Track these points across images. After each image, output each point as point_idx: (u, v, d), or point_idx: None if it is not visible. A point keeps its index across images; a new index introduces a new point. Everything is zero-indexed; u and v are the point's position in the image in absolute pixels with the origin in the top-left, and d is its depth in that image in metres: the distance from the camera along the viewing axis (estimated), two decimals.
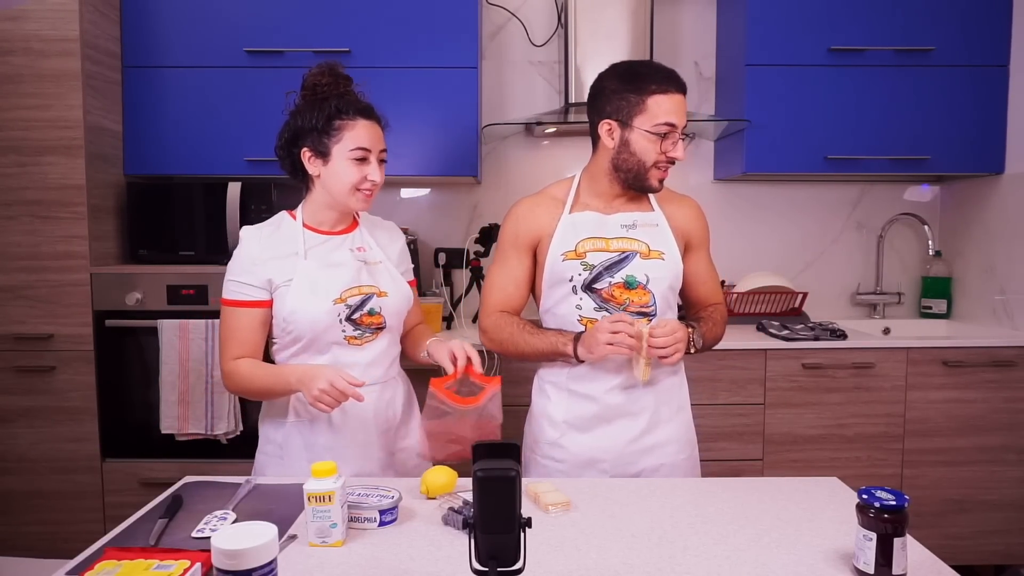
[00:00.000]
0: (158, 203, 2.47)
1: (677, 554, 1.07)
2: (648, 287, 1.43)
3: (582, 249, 1.44)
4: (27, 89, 2.22)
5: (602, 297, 1.43)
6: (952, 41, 2.49)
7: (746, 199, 2.92)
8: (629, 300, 1.43)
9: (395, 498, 1.19)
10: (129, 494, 2.30)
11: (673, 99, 1.39)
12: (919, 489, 2.35)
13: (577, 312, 1.45)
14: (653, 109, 1.38)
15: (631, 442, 1.46)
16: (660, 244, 1.45)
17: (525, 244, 1.51)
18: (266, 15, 2.45)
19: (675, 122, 1.39)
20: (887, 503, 0.96)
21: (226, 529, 0.85)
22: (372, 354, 1.46)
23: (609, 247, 1.44)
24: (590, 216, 1.47)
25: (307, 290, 1.38)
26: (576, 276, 1.44)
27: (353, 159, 1.39)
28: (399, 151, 2.49)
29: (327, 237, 1.47)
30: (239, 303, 1.41)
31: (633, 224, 1.46)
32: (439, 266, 2.70)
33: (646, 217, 1.48)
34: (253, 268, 1.40)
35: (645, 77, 1.40)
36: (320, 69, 1.42)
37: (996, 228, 2.61)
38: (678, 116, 1.39)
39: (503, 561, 0.88)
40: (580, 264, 1.44)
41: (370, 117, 1.42)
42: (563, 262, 1.45)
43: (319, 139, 1.40)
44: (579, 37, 2.55)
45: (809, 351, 2.34)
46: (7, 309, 2.27)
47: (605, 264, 1.43)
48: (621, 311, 1.42)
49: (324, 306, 1.39)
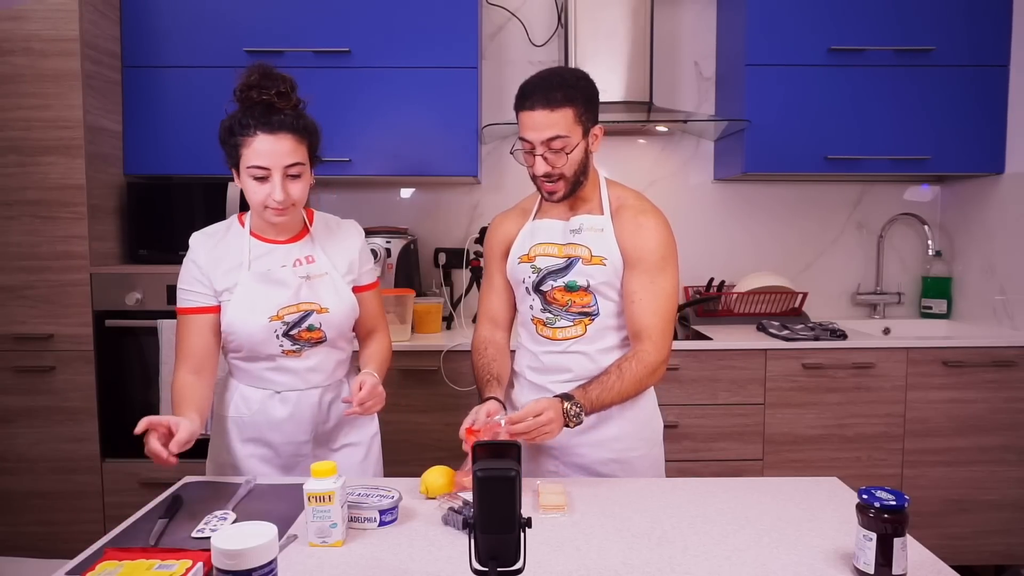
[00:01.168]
0: (158, 203, 2.47)
1: (677, 554, 1.07)
2: (590, 289, 1.47)
3: (534, 253, 1.51)
4: (27, 89, 2.22)
5: (547, 299, 1.50)
6: (952, 41, 2.49)
7: (746, 199, 2.92)
8: (571, 301, 1.48)
9: (395, 498, 1.19)
10: (129, 494, 2.30)
11: (528, 116, 1.40)
12: (919, 489, 2.35)
13: (530, 312, 1.54)
14: (520, 125, 1.43)
15: (576, 434, 1.46)
16: (602, 250, 1.46)
17: (499, 254, 1.60)
18: (266, 15, 2.45)
19: (529, 138, 1.41)
20: (887, 503, 0.96)
21: (226, 529, 0.85)
22: (312, 362, 1.46)
23: (560, 252, 1.49)
24: (549, 223, 1.53)
25: (245, 306, 1.39)
26: (527, 278, 1.52)
27: (252, 177, 1.34)
28: (399, 151, 2.51)
29: (273, 247, 1.44)
30: (186, 310, 1.42)
31: (579, 228, 1.49)
32: (439, 266, 2.70)
33: (593, 221, 1.48)
34: (199, 275, 1.41)
35: (518, 96, 1.43)
36: (249, 70, 1.35)
37: (996, 228, 2.61)
38: (533, 131, 1.40)
39: (503, 561, 0.88)
40: (530, 267, 1.51)
41: (278, 130, 1.31)
42: (518, 265, 1.53)
43: (228, 153, 1.38)
44: (579, 37, 2.55)
45: (809, 351, 2.34)
46: (7, 309, 2.27)
47: (550, 268, 1.49)
48: (564, 312, 1.49)
49: (260, 322, 1.39)
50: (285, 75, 1.37)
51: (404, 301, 2.34)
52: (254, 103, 1.33)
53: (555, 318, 1.50)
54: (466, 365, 2.31)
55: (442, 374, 2.31)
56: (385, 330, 1.61)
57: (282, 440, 1.48)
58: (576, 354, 1.49)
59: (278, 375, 1.45)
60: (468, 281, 2.66)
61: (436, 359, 2.31)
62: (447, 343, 2.31)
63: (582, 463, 1.51)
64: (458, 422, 2.33)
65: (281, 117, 1.33)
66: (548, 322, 1.50)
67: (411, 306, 2.38)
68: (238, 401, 1.48)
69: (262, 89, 1.32)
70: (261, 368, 1.45)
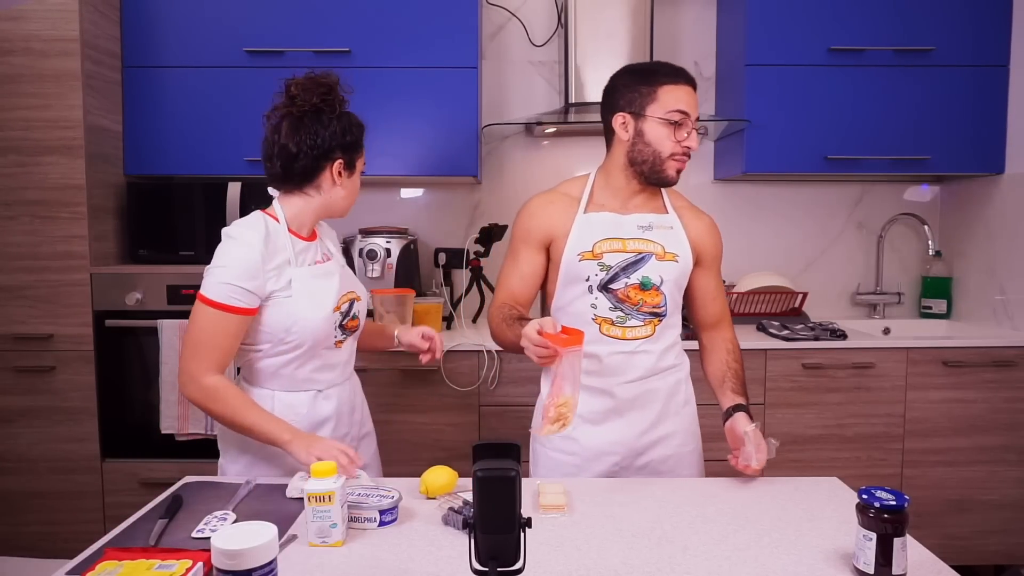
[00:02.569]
0: (158, 203, 2.47)
1: (677, 554, 1.07)
2: (661, 288, 1.45)
3: (599, 250, 1.44)
4: (27, 89, 2.22)
5: (617, 297, 1.45)
6: (952, 41, 2.49)
7: (746, 199, 2.92)
8: (643, 301, 1.45)
9: (395, 498, 1.19)
10: (129, 494, 2.30)
11: (683, 89, 1.43)
12: (919, 489, 2.35)
13: (592, 311, 1.46)
14: (664, 98, 1.41)
15: (642, 434, 1.49)
16: (674, 247, 1.47)
17: (537, 241, 1.50)
18: (266, 15, 2.45)
19: (687, 110, 1.41)
20: (887, 503, 0.96)
21: (226, 529, 0.85)
22: (347, 353, 1.53)
23: (626, 248, 1.45)
24: (606, 216, 1.47)
25: (307, 300, 1.39)
26: (593, 276, 1.44)
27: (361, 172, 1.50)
28: (399, 151, 2.50)
29: (306, 244, 1.46)
30: (233, 309, 1.33)
31: (649, 226, 1.47)
32: (439, 266, 2.70)
33: (662, 219, 1.49)
34: (256, 275, 1.34)
35: (655, 71, 1.45)
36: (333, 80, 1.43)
37: (996, 228, 2.61)
38: (689, 106, 1.42)
39: (503, 561, 0.88)
40: (597, 264, 1.44)
41: None
42: (580, 262, 1.45)
43: (352, 153, 1.45)
44: (579, 37, 2.55)
45: (809, 351, 2.34)
46: (7, 309, 2.27)
47: (622, 265, 1.44)
48: (635, 311, 1.45)
49: (324, 314, 1.40)
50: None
51: (404, 301, 2.34)
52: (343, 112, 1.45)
53: (626, 317, 1.45)
54: (466, 365, 2.31)
55: (442, 374, 2.31)
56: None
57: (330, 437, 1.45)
58: (644, 354, 1.47)
59: (323, 373, 1.46)
60: (468, 281, 2.66)
61: None
62: (447, 343, 2.31)
63: (645, 463, 1.50)
64: (458, 422, 2.36)
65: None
66: (618, 321, 1.45)
67: (411, 306, 2.37)
68: (282, 410, 1.42)
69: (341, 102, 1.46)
70: (309, 369, 1.43)
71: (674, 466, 1.52)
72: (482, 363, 2.31)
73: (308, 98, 1.39)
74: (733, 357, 1.56)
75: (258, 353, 1.41)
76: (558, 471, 1.50)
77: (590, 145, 2.84)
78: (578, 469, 1.49)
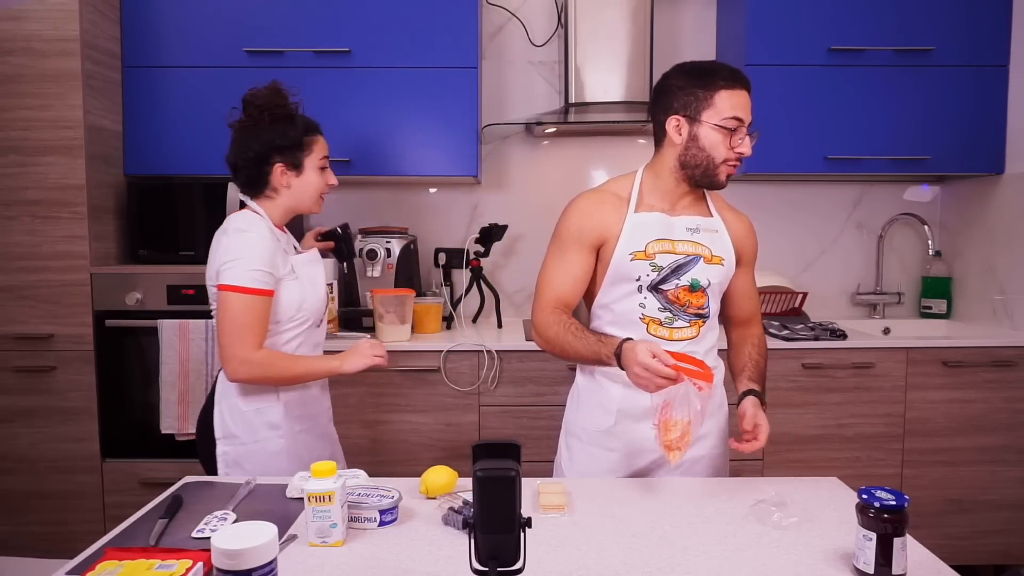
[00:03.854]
0: (158, 203, 2.47)
1: (677, 554, 1.07)
2: (707, 291, 1.47)
3: (651, 250, 1.44)
4: (27, 89, 2.22)
5: (667, 298, 1.45)
6: (952, 41, 2.49)
7: (746, 199, 2.89)
8: (690, 302, 1.46)
9: (395, 498, 1.19)
10: (129, 494, 2.30)
11: (740, 95, 1.43)
12: (919, 489, 2.35)
13: (640, 311, 1.45)
14: (720, 104, 1.40)
15: None
16: (720, 250, 1.49)
17: (589, 241, 1.47)
18: (266, 15, 2.45)
19: (743, 117, 1.42)
20: (887, 503, 0.96)
21: (226, 529, 0.85)
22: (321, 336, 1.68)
23: (675, 249, 1.46)
24: (656, 217, 1.47)
25: (309, 281, 1.57)
26: (644, 276, 1.44)
27: (319, 168, 1.60)
28: (399, 151, 2.50)
29: (285, 236, 1.63)
30: (262, 291, 1.46)
31: (697, 228, 1.48)
32: (439, 266, 2.70)
33: (708, 223, 1.51)
34: (274, 260, 1.50)
35: (713, 73, 1.43)
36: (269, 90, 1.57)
37: (996, 228, 2.61)
38: (745, 111, 1.43)
39: (503, 561, 0.88)
40: (649, 265, 1.44)
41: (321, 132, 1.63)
42: (631, 262, 1.44)
43: (293, 154, 1.56)
44: (579, 37, 2.55)
45: (809, 351, 2.34)
46: (7, 309, 2.27)
47: (672, 266, 1.45)
48: (682, 312, 1.46)
49: (322, 293, 1.61)
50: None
51: (404, 301, 2.34)
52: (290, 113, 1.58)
53: (673, 318, 1.45)
54: (466, 365, 2.31)
55: (442, 374, 2.31)
56: None
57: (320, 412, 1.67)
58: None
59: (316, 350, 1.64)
60: (468, 281, 2.66)
61: (436, 359, 2.31)
62: (447, 343, 2.31)
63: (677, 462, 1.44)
64: (458, 422, 2.36)
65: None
66: (667, 322, 1.45)
67: (411, 306, 2.38)
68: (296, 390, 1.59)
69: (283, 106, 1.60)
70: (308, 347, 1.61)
71: (706, 467, 1.52)
72: (482, 363, 2.31)
73: (248, 111, 1.56)
74: (758, 351, 1.57)
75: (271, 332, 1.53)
76: (595, 465, 1.50)
77: (590, 145, 2.84)
78: (615, 464, 1.49)
